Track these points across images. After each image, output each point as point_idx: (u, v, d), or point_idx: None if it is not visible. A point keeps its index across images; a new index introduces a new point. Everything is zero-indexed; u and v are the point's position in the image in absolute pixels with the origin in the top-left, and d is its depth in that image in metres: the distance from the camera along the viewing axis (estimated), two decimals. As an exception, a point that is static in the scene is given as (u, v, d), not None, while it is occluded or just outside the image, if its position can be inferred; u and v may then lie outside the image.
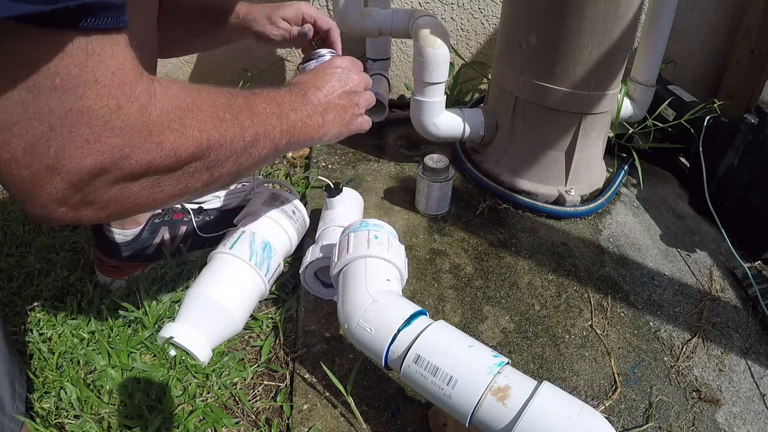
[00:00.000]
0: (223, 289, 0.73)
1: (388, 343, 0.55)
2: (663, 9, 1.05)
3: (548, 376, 0.71)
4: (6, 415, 0.59)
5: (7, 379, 0.60)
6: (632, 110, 1.16)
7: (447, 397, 0.51)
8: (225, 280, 0.74)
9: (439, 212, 0.98)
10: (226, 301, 0.72)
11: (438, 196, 0.95)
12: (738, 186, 0.99)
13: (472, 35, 1.45)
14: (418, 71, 0.97)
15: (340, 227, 0.82)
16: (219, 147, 0.45)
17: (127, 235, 0.83)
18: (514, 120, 1.01)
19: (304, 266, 0.76)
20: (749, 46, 1.38)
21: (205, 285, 0.73)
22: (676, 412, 0.69)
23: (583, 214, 1.01)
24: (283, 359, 0.74)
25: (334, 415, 0.65)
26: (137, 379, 0.69)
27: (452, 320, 0.78)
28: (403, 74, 1.50)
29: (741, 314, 0.85)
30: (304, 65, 0.74)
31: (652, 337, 0.78)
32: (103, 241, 0.82)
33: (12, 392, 0.61)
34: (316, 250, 0.77)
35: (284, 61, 1.46)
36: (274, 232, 0.83)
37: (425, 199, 0.96)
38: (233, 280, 0.75)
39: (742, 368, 0.76)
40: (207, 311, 0.72)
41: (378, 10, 1.12)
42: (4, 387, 0.60)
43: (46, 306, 0.81)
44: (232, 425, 0.65)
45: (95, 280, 0.85)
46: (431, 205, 0.96)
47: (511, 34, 0.97)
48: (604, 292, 0.85)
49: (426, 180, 0.93)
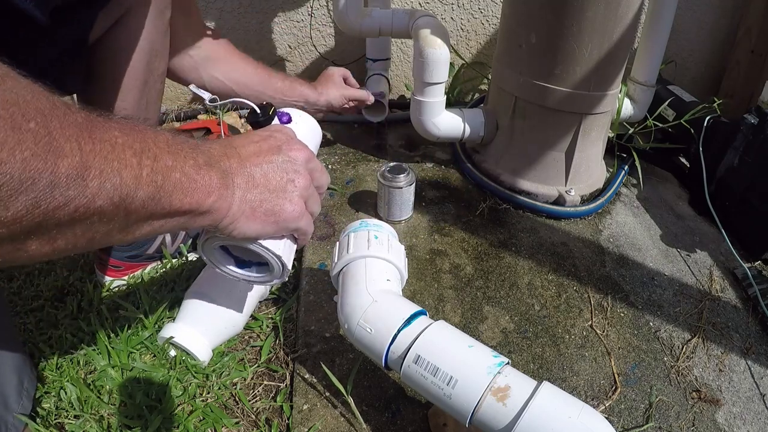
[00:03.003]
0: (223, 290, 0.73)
1: (388, 343, 0.55)
2: (663, 9, 1.05)
3: (548, 376, 0.71)
4: (10, 411, 0.59)
5: (15, 375, 0.60)
6: (632, 110, 1.16)
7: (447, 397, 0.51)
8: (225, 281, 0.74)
9: (402, 218, 0.96)
10: (226, 301, 0.72)
11: (399, 201, 0.93)
12: (738, 186, 0.99)
13: (472, 35, 1.45)
14: (418, 71, 0.97)
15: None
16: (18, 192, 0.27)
17: (126, 235, 0.82)
18: (514, 120, 1.01)
19: (201, 240, 0.53)
20: (749, 46, 1.38)
21: (206, 285, 0.73)
22: (676, 412, 0.69)
23: (583, 214, 1.01)
24: (283, 359, 0.74)
25: (334, 415, 0.65)
26: (137, 379, 0.69)
27: (452, 320, 0.78)
28: (403, 74, 1.51)
29: (741, 314, 0.85)
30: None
31: (652, 337, 0.78)
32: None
33: (19, 388, 0.61)
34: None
35: (285, 61, 1.46)
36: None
37: (386, 206, 0.94)
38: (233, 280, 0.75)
39: (742, 368, 0.76)
40: (207, 312, 0.72)
41: (378, 10, 1.12)
42: (10, 384, 0.59)
43: (46, 306, 0.81)
44: (232, 425, 0.65)
45: (95, 280, 0.85)
46: (393, 212, 0.95)
47: (511, 34, 0.97)
48: (604, 292, 0.85)
49: (386, 186, 0.91)
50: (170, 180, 0.36)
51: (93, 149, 0.31)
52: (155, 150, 0.36)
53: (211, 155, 0.42)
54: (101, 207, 0.32)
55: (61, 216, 0.30)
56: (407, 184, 0.91)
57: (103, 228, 0.33)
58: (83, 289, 0.84)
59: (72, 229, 0.32)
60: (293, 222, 0.48)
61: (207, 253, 0.54)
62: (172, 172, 0.36)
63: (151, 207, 0.35)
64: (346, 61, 1.45)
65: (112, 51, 0.67)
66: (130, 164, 0.33)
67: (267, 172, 0.45)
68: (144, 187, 0.34)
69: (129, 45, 0.68)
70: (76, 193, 0.30)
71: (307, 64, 1.48)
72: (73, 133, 0.30)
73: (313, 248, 0.90)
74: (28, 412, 0.62)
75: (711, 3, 1.45)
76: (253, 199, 0.44)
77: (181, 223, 0.40)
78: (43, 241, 0.31)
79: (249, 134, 0.48)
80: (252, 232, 0.45)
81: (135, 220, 0.35)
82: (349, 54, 1.45)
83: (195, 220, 0.40)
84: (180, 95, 1.47)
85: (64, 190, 0.29)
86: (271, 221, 0.46)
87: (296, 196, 0.47)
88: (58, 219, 0.30)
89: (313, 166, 0.50)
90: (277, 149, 0.47)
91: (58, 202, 0.29)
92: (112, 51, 0.67)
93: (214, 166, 0.41)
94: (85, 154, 0.30)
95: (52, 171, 0.28)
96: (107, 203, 0.32)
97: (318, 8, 1.39)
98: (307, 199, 0.49)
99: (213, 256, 0.55)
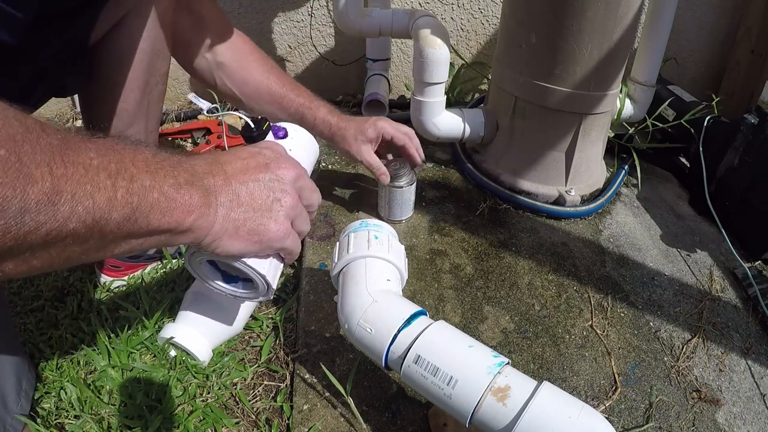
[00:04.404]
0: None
1: (388, 343, 0.55)
2: (663, 9, 1.05)
3: (548, 376, 0.71)
4: (9, 412, 0.59)
5: (13, 376, 0.60)
6: (632, 110, 1.16)
7: (447, 398, 0.51)
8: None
9: (402, 218, 0.96)
10: (226, 301, 0.72)
11: (400, 201, 0.93)
12: (738, 186, 0.99)
13: (472, 35, 1.45)
14: (418, 71, 0.97)
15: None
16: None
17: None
18: (514, 120, 1.01)
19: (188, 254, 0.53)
20: (749, 46, 1.38)
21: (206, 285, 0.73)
22: (676, 412, 0.69)
23: (583, 214, 1.01)
24: (283, 359, 0.74)
25: (334, 415, 0.65)
26: (137, 380, 0.69)
27: (452, 320, 0.78)
28: (403, 74, 1.51)
29: (741, 314, 0.85)
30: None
31: (652, 337, 0.78)
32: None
33: (18, 389, 0.61)
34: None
35: (285, 61, 1.46)
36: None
37: (387, 206, 0.93)
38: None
39: (742, 368, 0.76)
40: (207, 311, 0.72)
41: (378, 10, 1.12)
42: (9, 384, 0.59)
43: (46, 306, 0.81)
44: (232, 425, 0.65)
45: (95, 280, 0.85)
46: (394, 212, 0.94)
47: (512, 34, 0.97)
48: (605, 292, 0.85)
49: (387, 186, 0.90)
50: (147, 200, 0.36)
51: (65, 173, 0.31)
52: (132, 170, 0.35)
53: (195, 172, 0.41)
54: (74, 230, 0.32)
55: (33, 239, 0.30)
56: (408, 183, 0.91)
57: (78, 248, 0.34)
58: (83, 289, 0.84)
59: (46, 250, 0.32)
60: (278, 242, 0.47)
61: (194, 267, 0.54)
62: (150, 192, 0.36)
63: (128, 227, 0.35)
64: (346, 61, 1.45)
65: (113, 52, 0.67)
66: (104, 186, 0.33)
67: (253, 190, 0.45)
68: (119, 209, 0.34)
69: (130, 46, 0.68)
70: (46, 218, 0.30)
71: (307, 64, 1.48)
72: (45, 158, 0.30)
73: (313, 248, 0.90)
74: (27, 413, 0.62)
75: (711, 3, 1.45)
76: (237, 218, 0.44)
77: (162, 241, 0.39)
78: (19, 261, 0.31)
79: (237, 150, 0.48)
80: (235, 251, 0.45)
81: (111, 239, 0.35)
82: (349, 54, 1.45)
83: (176, 238, 0.40)
84: (180, 95, 1.47)
85: (34, 215, 0.29)
86: (255, 240, 0.45)
87: (282, 216, 0.46)
88: (31, 242, 0.30)
89: (301, 185, 0.49)
90: (265, 167, 0.46)
91: (29, 227, 0.29)
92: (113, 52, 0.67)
93: (196, 184, 0.40)
94: (56, 178, 0.30)
95: (21, 198, 0.28)
96: (80, 226, 0.32)
97: (318, 8, 1.39)
98: (294, 219, 0.48)
99: (201, 270, 0.55)
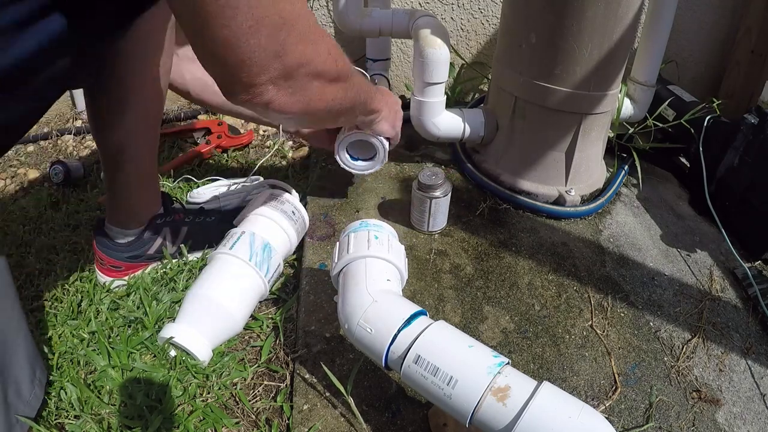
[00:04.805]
0: (223, 290, 0.73)
1: (388, 343, 0.55)
2: (663, 9, 1.05)
3: (548, 376, 0.71)
4: (22, 399, 0.59)
5: (27, 364, 0.60)
6: (632, 110, 1.16)
7: (447, 397, 0.51)
8: (225, 281, 0.74)
9: (436, 229, 0.94)
10: (226, 301, 0.72)
11: (438, 211, 0.91)
12: (738, 186, 0.99)
13: (472, 35, 1.45)
14: (418, 71, 0.97)
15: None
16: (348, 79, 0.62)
17: (128, 234, 0.83)
18: (514, 120, 1.01)
19: (338, 142, 0.88)
20: (749, 46, 1.38)
21: (206, 285, 0.73)
22: (676, 412, 0.69)
23: (583, 214, 1.01)
24: (283, 359, 0.74)
25: (334, 415, 0.65)
26: (137, 380, 0.69)
27: (452, 320, 0.78)
28: (403, 74, 1.50)
29: (741, 314, 0.85)
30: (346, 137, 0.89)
31: (652, 337, 0.78)
32: (104, 241, 0.82)
33: (32, 377, 0.61)
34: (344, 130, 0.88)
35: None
36: (274, 232, 0.83)
37: (430, 217, 0.91)
38: (233, 281, 0.75)
39: (742, 368, 0.76)
40: (207, 312, 0.72)
41: (378, 10, 1.12)
42: (23, 371, 0.60)
43: (46, 306, 0.81)
44: (232, 425, 0.65)
45: (95, 280, 0.85)
46: (438, 221, 0.92)
47: (512, 34, 0.97)
48: (605, 292, 0.85)
49: (423, 195, 0.88)
50: (369, 95, 0.73)
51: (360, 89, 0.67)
52: (366, 87, 0.71)
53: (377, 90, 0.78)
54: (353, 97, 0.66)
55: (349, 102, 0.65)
56: (443, 194, 0.89)
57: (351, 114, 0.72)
58: (83, 289, 0.84)
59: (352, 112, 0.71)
60: (398, 133, 0.88)
61: (342, 146, 0.89)
62: (370, 94, 0.74)
63: (366, 107, 0.74)
64: (346, 61, 1.45)
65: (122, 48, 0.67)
66: (359, 90, 0.67)
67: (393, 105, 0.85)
68: (363, 95, 0.70)
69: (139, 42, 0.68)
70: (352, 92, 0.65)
71: (307, 64, 1.48)
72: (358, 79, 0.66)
73: (313, 248, 0.90)
74: (40, 401, 0.62)
75: (711, 3, 1.45)
76: (389, 113, 0.83)
77: (369, 119, 0.79)
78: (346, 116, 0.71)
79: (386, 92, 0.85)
80: (383, 130, 0.84)
81: (361, 112, 0.74)
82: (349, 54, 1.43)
83: (374, 115, 0.79)
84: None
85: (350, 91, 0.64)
86: (393, 127, 0.85)
87: (399, 123, 0.87)
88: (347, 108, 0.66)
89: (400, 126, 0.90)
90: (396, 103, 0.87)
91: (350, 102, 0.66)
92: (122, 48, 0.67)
93: (377, 94, 0.78)
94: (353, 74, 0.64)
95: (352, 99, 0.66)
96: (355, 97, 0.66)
97: (318, 8, 1.39)
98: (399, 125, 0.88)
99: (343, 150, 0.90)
